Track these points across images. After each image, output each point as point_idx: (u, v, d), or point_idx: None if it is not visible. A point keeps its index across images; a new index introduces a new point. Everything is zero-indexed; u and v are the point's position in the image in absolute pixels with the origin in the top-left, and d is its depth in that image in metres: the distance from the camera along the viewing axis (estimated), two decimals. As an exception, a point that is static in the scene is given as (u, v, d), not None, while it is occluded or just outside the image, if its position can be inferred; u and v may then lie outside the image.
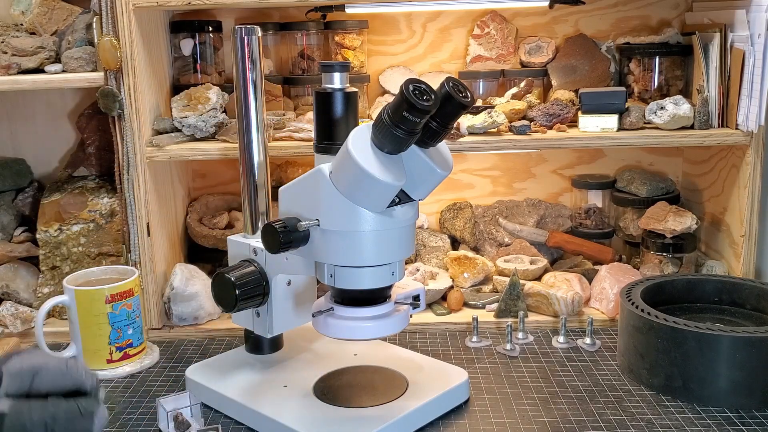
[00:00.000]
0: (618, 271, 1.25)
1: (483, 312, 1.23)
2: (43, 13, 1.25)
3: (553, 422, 0.89)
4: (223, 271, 0.93)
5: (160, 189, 1.24)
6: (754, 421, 0.88)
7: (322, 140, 0.88)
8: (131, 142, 1.15)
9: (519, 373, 1.03)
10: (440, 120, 0.77)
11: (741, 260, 1.20)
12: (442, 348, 1.11)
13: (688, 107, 1.17)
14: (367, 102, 1.38)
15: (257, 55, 0.97)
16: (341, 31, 1.36)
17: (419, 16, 1.41)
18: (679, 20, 1.39)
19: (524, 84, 1.34)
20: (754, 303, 1.07)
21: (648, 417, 0.90)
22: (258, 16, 1.40)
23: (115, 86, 1.13)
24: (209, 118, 1.20)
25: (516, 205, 1.46)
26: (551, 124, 1.23)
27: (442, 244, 1.38)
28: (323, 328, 0.85)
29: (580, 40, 1.39)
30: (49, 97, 1.42)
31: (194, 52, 1.33)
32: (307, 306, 1.00)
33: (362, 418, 0.85)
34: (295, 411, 0.87)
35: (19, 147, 1.43)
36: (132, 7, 1.12)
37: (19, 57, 1.19)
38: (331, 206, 0.79)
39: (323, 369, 0.98)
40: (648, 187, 1.37)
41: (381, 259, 0.81)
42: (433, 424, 0.89)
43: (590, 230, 1.40)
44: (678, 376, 0.93)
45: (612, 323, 1.17)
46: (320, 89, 0.87)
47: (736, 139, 1.16)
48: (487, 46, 1.40)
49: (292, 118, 1.27)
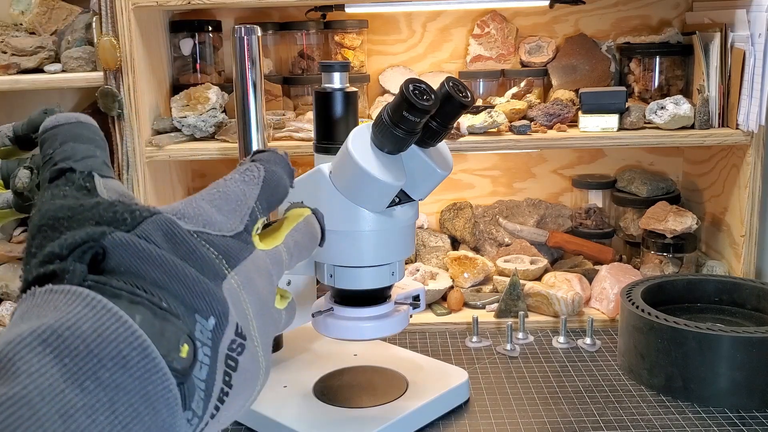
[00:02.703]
0: (618, 271, 1.25)
1: (483, 312, 1.22)
2: (42, 12, 1.24)
3: (553, 422, 0.89)
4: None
5: (160, 189, 1.24)
6: (754, 421, 0.88)
7: (321, 140, 0.88)
8: (131, 141, 1.15)
9: (519, 373, 1.03)
10: (440, 120, 0.77)
11: (741, 260, 1.20)
12: (442, 348, 1.11)
13: (689, 107, 1.17)
14: (367, 102, 1.38)
15: (257, 55, 0.96)
16: (341, 31, 1.36)
17: (419, 15, 1.41)
18: (679, 20, 1.39)
19: (524, 84, 1.34)
20: (754, 303, 1.07)
21: (648, 417, 0.90)
22: (258, 15, 1.40)
23: (115, 86, 1.13)
24: (209, 118, 1.20)
25: (516, 205, 1.46)
26: (551, 124, 1.23)
27: (442, 244, 1.38)
28: (323, 328, 0.85)
29: (580, 40, 1.38)
30: (48, 97, 1.42)
31: (194, 51, 1.33)
32: (307, 306, 0.99)
33: (362, 418, 0.85)
34: (294, 411, 0.87)
35: (19, 147, 1.43)
36: (132, 7, 1.11)
37: (19, 57, 1.19)
38: (331, 206, 0.79)
39: (323, 369, 0.98)
40: (648, 187, 1.36)
41: (381, 259, 0.81)
42: (433, 425, 0.89)
43: (590, 230, 1.40)
44: (678, 376, 0.93)
45: (612, 323, 1.17)
46: (320, 89, 0.87)
47: (737, 139, 1.16)
48: (487, 46, 1.39)
49: (291, 118, 1.27)
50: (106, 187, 0.37)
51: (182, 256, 0.34)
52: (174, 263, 0.33)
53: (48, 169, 0.38)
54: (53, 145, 0.40)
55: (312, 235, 0.45)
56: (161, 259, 0.33)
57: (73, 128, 0.41)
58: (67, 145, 0.39)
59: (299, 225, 0.44)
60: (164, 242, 0.34)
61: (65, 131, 0.41)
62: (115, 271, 0.32)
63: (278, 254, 0.41)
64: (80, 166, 0.38)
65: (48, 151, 0.39)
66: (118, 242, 0.32)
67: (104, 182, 0.38)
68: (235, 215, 0.39)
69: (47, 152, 0.39)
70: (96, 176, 0.38)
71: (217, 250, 0.36)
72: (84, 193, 0.36)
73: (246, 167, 0.44)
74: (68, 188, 0.36)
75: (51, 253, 0.31)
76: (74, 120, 0.42)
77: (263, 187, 0.42)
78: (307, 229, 0.45)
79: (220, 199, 0.40)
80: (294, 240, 0.43)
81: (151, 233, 0.33)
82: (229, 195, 0.41)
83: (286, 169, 0.45)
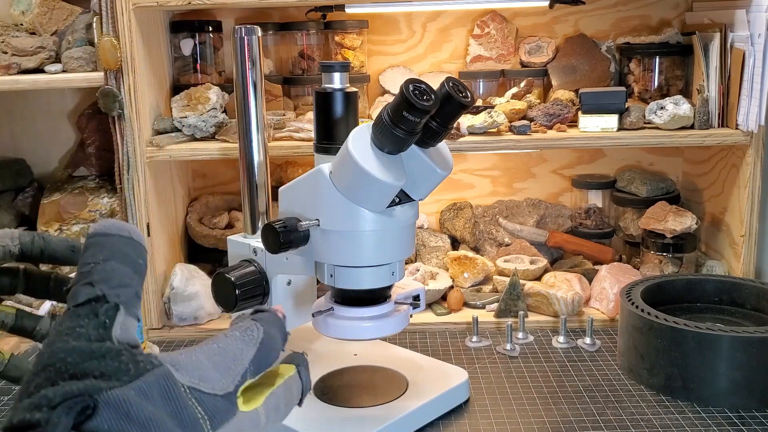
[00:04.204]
0: (618, 271, 1.25)
1: (483, 312, 1.23)
2: (43, 13, 1.25)
3: (553, 422, 0.89)
4: (223, 271, 0.93)
5: (160, 189, 1.24)
6: (754, 421, 0.88)
7: (322, 140, 0.88)
8: (131, 142, 1.15)
9: (519, 373, 1.03)
10: (440, 120, 0.77)
11: (741, 260, 1.20)
12: (442, 348, 1.11)
13: (688, 107, 1.17)
14: (367, 102, 1.38)
15: (257, 55, 0.96)
16: (341, 31, 1.36)
17: (419, 16, 1.41)
18: (679, 20, 1.39)
19: (524, 84, 1.34)
20: (754, 303, 1.07)
21: (648, 417, 0.90)
22: (258, 16, 1.40)
23: (115, 86, 1.13)
24: (209, 118, 1.20)
25: (516, 205, 1.46)
26: (551, 124, 1.23)
27: (442, 244, 1.38)
28: (323, 328, 0.85)
29: (580, 40, 1.39)
30: (49, 97, 1.42)
31: (194, 52, 1.33)
32: (307, 306, 1.00)
33: (362, 418, 0.85)
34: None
35: (19, 147, 1.43)
36: (132, 7, 1.12)
37: (19, 57, 1.19)
38: (331, 206, 0.79)
39: (323, 369, 0.98)
40: (648, 187, 1.37)
41: (381, 259, 0.81)
42: (433, 424, 0.89)
43: (590, 230, 1.40)
44: (678, 376, 0.93)
45: (612, 323, 1.17)
46: (320, 89, 0.87)
47: (736, 139, 1.16)
48: (487, 46, 1.40)
49: (292, 118, 1.27)
50: (122, 327, 0.39)
51: (172, 412, 0.37)
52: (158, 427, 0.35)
53: (81, 284, 0.39)
54: (96, 257, 0.41)
55: (290, 400, 0.49)
56: (148, 423, 0.35)
57: (121, 244, 0.42)
58: (109, 264, 0.40)
59: (278, 390, 0.47)
60: (158, 397, 0.36)
61: (112, 245, 0.41)
62: (99, 430, 0.34)
63: (256, 416, 0.44)
64: (112, 296, 0.39)
65: (89, 260, 0.40)
66: (112, 401, 0.34)
67: (123, 321, 0.39)
68: (229, 375, 0.42)
69: (88, 261, 0.40)
70: (120, 312, 0.39)
71: (205, 411, 0.39)
72: (101, 331, 0.38)
73: (247, 326, 0.47)
74: (88, 321, 0.38)
75: (44, 397, 0.33)
76: (126, 234, 0.42)
77: (259, 349, 0.45)
78: (286, 394, 0.48)
79: (219, 355, 0.43)
80: (273, 403, 0.46)
81: (148, 388, 0.36)
82: (227, 352, 0.44)
83: (282, 332, 0.49)
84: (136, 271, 0.41)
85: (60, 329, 0.37)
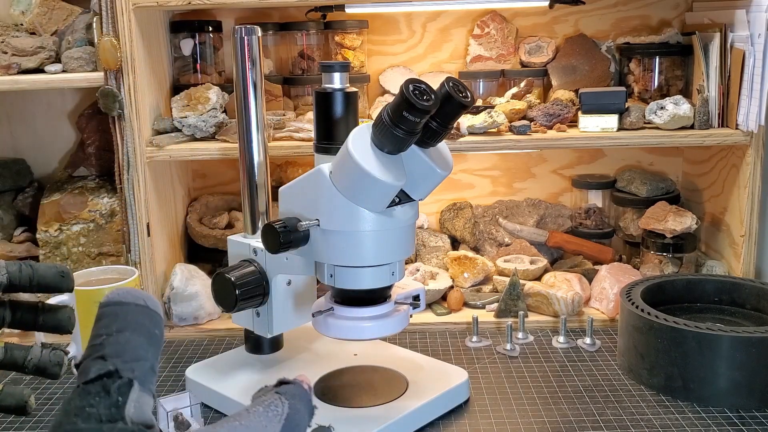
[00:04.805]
0: (618, 271, 1.25)
1: (483, 312, 1.23)
2: (43, 13, 1.25)
3: (553, 422, 0.89)
4: (223, 271, 0.93)
5: (160, 189, 1.24)
6: (754, 421, 0.88)
7: (322, 140, 0.88)
8: (131, 142, 1.15)
9: (519, 373, 1.03)
10: (440, 120, 0.77)
11: (741, 260, 1.20)
12: (442, 348, 1.11)
13: (688, 107, 1.17)
14: (367, 102, 1.38)
15: (257, 55, 0.97)
16: (341, 31, 1.36)
17: (419, 16, 1.41)
18: (679, 20, 1.39)
19: (524, 84, 1.34)
20: (754, 303, 1.07)
21: (648, 417, 0.90)
22: (258, 16, 1.40)
23: (115, 86, 1.14)
24: (209, 118, 1.20)
25: (516, 205, 1.46)
26: (551, 124, 1.23)
27: (442, 244, 1.38)
28: (323, 328, 0.85)
29: (580, 40, 1.39)
30: (49, 97, 1.42)
31: (194, 52, 1.33)
32: (307, 306, 1.00)
33: (362, 418, 0.85)
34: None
35: (19, 147, 1.43)
36: (132, 7, 1.12)
37: (19, 57, 1.19)
38: (331, 206, 0.79)
39: (323, 369, 0.98)
40: (648, 187, 1.37)
41: (381, 259, 0.81)
42: (433, 424, 0.89)
43: (590, 230, 1.40)
44: (678, 376, 0.93)
45: (612, 323, 1.17)
46: (320, 89, 0.87)
47: (736, 139, 1.16)
48: (487, 46, 1.40)
49: (292, 118, 1.27)
50: (136, 405, 0.36)
51: None
52: None
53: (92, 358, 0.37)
54: (110, 328, 0.38)
55: None
56: None
57: (137, 313, 0.39)
58: (122, 335, 0.38)
59: None
60: None
61: (127, 314, 0.39)
62: None
63: None
64: (125, 370, 0.37)
65: (101, 331, 0.38)
66: None
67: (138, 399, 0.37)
68: None
69: (100, 333, 0.38)
70: (133, 388, 0.37)
71: None
72: (113, 411, 0.35)
73: (270, 401, 0.43)
74: (99, 399, 0.36)
75: None
76: (141, 302, 0.40)
77: (284, 425, 0.42)
78: None
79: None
80: None
81: None
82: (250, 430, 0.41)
83: (308, 406, 0.45)
84: (151, 343, 0.39)
85: (68, 408, 0.35)
